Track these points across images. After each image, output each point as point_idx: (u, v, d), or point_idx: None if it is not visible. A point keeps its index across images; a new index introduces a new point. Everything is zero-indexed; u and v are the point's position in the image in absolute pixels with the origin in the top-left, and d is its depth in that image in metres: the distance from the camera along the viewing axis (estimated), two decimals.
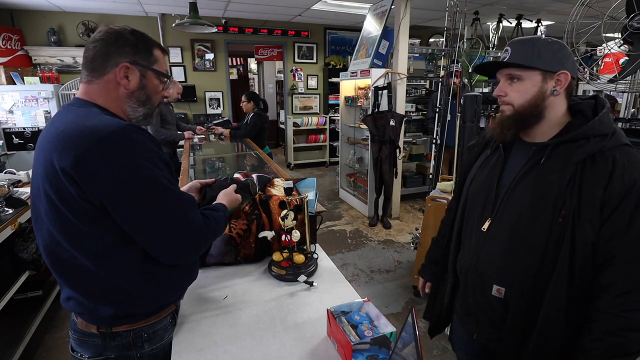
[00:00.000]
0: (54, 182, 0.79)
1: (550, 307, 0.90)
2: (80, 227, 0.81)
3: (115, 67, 0.88)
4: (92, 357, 0.94)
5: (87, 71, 0.89)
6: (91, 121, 0.80)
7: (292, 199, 1.39)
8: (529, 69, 0.91)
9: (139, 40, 0.91)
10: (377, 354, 0.89)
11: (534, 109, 0.93)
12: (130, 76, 0.90)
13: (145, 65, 0.92)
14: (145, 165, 0.80)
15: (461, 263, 1.11)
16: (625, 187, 0.83)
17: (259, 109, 4.13)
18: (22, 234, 2.06)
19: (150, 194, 0.81)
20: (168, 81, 0.99)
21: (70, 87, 4.68)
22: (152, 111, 0.98)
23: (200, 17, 3.57)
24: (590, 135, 0.88)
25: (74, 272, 0.86)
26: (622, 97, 2.57)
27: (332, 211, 4.62)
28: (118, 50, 0.88)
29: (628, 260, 0.84)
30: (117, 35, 0.88)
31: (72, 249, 0.83)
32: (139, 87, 0.92)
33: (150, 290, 0.92)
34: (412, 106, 4.90)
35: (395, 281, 2.99)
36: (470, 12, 4.22)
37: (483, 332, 1.07)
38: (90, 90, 0.89)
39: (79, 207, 0.79)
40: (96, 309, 0.89)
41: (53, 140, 0.80)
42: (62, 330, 2.34)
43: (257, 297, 1.22)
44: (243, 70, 9.08)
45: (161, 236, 0.84)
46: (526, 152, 0.98)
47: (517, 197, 0.95)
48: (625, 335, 0.83)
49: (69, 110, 0.87)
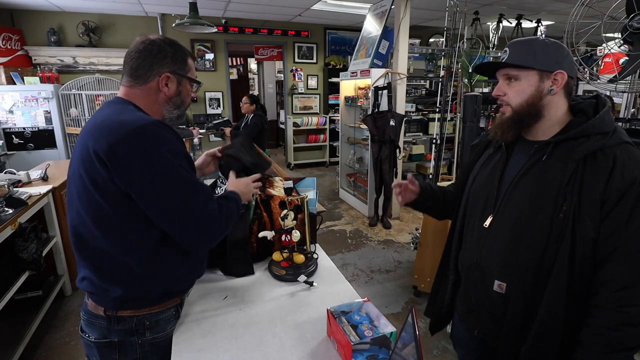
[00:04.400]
0: (88, 166, 0.89)
1: (549, 302, 0.92)
2: (106, 208, 0.90)
3: (158, 76, 0.99)
4: (98, 338, 1.01)
5: (130, 78, 1.00)
6: (125, 116, 0.91)
7: (292, 198, 1.39)
8: (526, 69, 0.93)
9: (177, 52, 1.02)
10: (377, 354, 0.89)
11: (531, 108, 0.94)
12: (169, 84, 1.01)
13: (182, 75, 1.03)
14: (167, 156, 0.89)
15: (463, 259, 1.13)
16: (625, 184, 0.84)
17: (258, 111, 4.16)
18: (22, 234, 2.07)
19: (170, 183, 0.90)
20: (198, 85, 1.11)
21: (70, 87, 4.68)
22: (184, 112, 1.11)
23: (200, 17, 3.57)
24: (591, 133, 0.89)
25: (92, 252, 0.95)
26: (622, 97, 2.57)
27: (332, 211, 4.62)
28: (160, 62, 0.99)
29: (627, 255, 0.85)
30: (159, 48, 0.99)
31: (95, 229, 0.92)
32: (176, 93, 1.04)
33: (159, 274, 0.98)
34: (412, 106, 4.90)
35: (395, 281, 2.99)
36: (470, 12, 4.22)
37: (484, 328, 1.08)
38: (130, 93, 1.00)
39: (108, 189, 0.88)
40: (106, 290, 0.96)
41: (91, 129, 0.92)
42: (62, 330, 2.34)
43: (257, 297, 1.22)
44: (243, 70, 9.08)
45: (180, 222, 0.92)
46: (528, 150, 0.99)
47: (518, 194, 0.97)
48: (623, 330, 0.84)
49: (109, 106, 0.99)
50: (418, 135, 4.87)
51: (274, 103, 8.65)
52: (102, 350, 1.01)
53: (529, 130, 1.00)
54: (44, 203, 2.40)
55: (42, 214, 2.46)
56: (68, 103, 4.67)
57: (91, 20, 5.24)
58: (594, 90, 1.94)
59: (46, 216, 2.49)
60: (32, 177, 2.64)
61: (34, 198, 2.23)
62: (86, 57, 5.21)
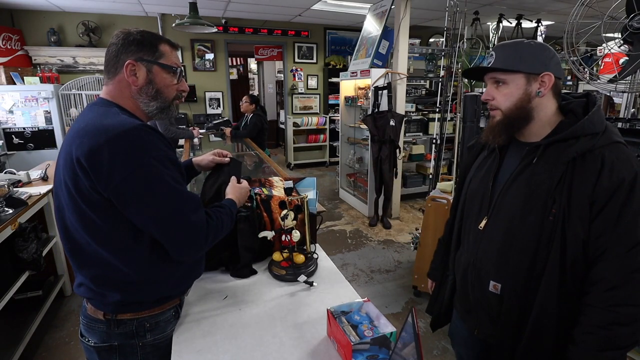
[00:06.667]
0: (72, 174, 0.85)
1: (542, 303, 0.93)
2: (93, 217, 0.86)
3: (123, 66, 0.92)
4: (98, 343, 0.99)
5: (105, 74, 0.96)
6: (108, 120, 0.86)
7: (292, 198, 1.39)
8: (513, 73, 0.94)
9: (145, 38, 0.94)
10: (377, 354, 0.89)
11: (520, 111, 0.95)
12: (137, 73, 0.94)
13: (150, 60, 0.95)
14: (152, 163, 0.84)
15: (461, 260, 1.15)
16: (613, 185, 0.84)
17: (258, 111, 4.16)
18: (22, 234, 2.07)
19: (155, 192, 0.85)
20: (179, 71, 1.01)
21: (70, 87, 4.68)
22: (167, 105, 1.01)
23: (200, 17, 3.57)
24: (579, 134, 0.90)
25: (88, 258, 0.92)
26: (622, 97, 2.57)
27: (332, 211, 4.62)
28: (125, 50, 0.93)
29: (616, 256, 0.86)
30: (125, 36, 0.93)
31: (87, 236, 0.89)
32: (147, 82, 0.95)
33: (157, 280, 0.97)
34: (412, 106, 4.89)
35: (395, 281, 2.99)
36: (470, 12, 4.21)
37: (483, 328, 1.09)
38: (108, 91, 0.96)
39: (92, 199, 0.85)
40: (104, 295, 0.94)
41: (74, 135, 0.87)
42: (62, 331, 2.34)
43: (257, 297, 1.22)
44: (243, 70, 9.08)
45: (164, 232, 0.89)
46: (520, 153, 1.00)
47: (510, 197, 0.98)
48: (614, 329, 0.85)
49: (91, 109, 0.93)
50: (418, 135, 4.87)
51: (274, 103, 8.64)
52: (103, 355, 1.00)
53: (521, 132, 1.01)
54: (44, 203, 2.40)
55: (42, 214, 2.46)
56: (68, 103, 4.68)
57: (91, 20, 5.25)
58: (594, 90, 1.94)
59: (46, 216, 2.49)
60: (32, 177, 2.64)
61: (34, 198, 2.23)
62: (86, 57, 5.21)
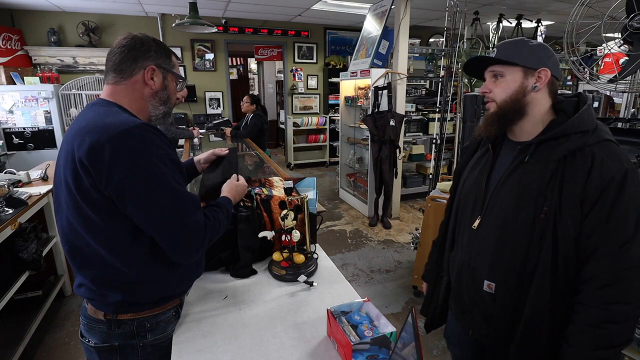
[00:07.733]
0: (73, 172, 0.86)
1: (534, 301, 0.94)
2: (93, 217, 0.87)
3: (143, 69, 0.97)
4: (98, 343, 0.99)
5: (114, 74, 0.96)
6: (110, 118, 0.87)
7: (292, 198, 1.39)
8: (511, 65, 0.96)
9: (160, 47, 1.01)
10: (377, 354, 0.89)
11: (515, 103, 0.97)
12: (155, 77, 0.99)
13: (167, 69, 1.02)
14: (154, 162, 0.85)
15: (455, 261, 1.15)
16: (603, 183, 0.85)
17: (258, 111, 4.16)
18: (22, 234, 2.07)
19: (155, 191, 0.86)
20: (183, 83, 1.10)
21: (70, 87, 4.68)
22: (171, 110, 1.08)
23: (200, 17, 3.57)
24: (570, 132, 0.90)
25: (88, 259, 0.92)
26: (622, 97, 2.57)
27: (332, 211, 4.62)
28: (145, 55, 0.97)
29: (607, 253, 0.86)
30: (142, 42, 0.97)
31: (87, 237, 0.89)
32: (162, 88, 1.01)
33: (157, 280, 0.97)
34: (412, 106, 4.89)
35: (395, 281, 2.99)
36: (470, 12, 4.22)
37: (478, 328, 1.09)
38: (115, 91, 0.97)
39: (93, 198, 0.85)
40: (105, 295, 0.94)
41: (75, 133, 0.87)
42: (62, 331, 2.34)
43: (257, 297, 1.22)
44: (243, 70, 9.08)
45: (163, 232, 0.89)
46: (512, 152, 1.01)
47: (503, 196, 0.99)
48: (607, 327, 0.85)
49: (92, 108, 0.94)
50: (418, 135, 4.87)
51: (274, 103, 8.64)
52: (103, 355, 1.00)
53: (514, 130, 1.02)
54: (44, 203, 2.40)
55: (42, 214, 2.46)
56: (68, 103, 4.67)
57: (91, 20, 5.24)
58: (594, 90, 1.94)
59: (46, 216, 2.49)
60: (32, 177, 2.64)
61: (34, 198, 2.23)
62: (86, 57, 5.21)
